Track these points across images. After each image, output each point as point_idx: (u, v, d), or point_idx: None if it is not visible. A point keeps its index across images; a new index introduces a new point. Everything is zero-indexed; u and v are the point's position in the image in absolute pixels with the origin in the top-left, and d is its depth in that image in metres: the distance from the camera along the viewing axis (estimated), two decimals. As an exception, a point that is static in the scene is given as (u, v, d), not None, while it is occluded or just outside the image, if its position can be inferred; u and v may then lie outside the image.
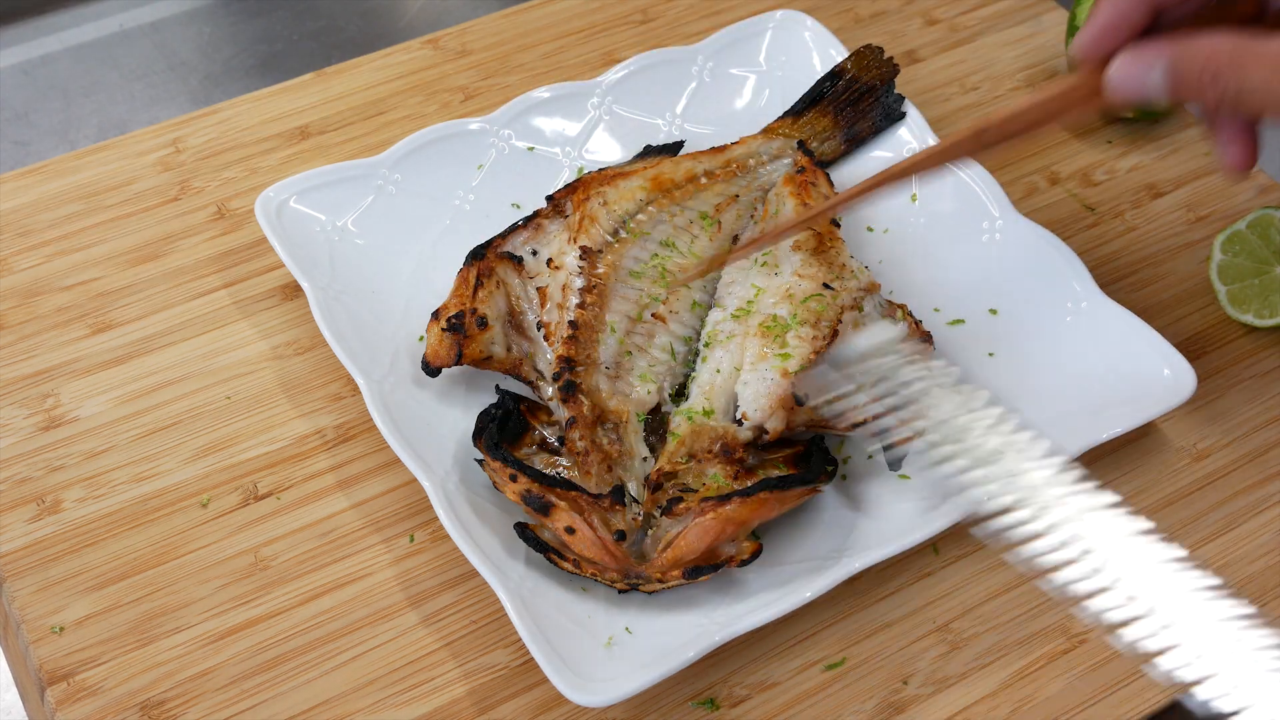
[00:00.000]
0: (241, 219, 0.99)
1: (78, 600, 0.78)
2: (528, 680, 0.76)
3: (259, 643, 0.77)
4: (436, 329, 0.84)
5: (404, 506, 0.83)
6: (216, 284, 0.95)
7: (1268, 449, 0.89)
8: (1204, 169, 1.06)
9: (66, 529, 0.81)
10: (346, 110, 1.07)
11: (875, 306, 0.87)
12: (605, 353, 0.84)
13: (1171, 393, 0.85)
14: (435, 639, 0.78)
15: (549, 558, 0.77)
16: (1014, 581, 0.82)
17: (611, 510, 0.78)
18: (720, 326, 0.86)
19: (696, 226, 0.92)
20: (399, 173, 0.97)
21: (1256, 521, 0.85)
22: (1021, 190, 1.04)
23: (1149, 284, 0.98)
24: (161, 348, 0.91)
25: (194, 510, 0.83)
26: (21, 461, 0.84)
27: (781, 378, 0.81)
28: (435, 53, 1.12)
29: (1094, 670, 0.78)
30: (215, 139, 1.04)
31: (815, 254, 0.88)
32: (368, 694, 0.75)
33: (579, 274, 0.86)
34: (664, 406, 0.84)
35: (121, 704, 0.74)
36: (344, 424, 0.87)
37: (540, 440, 0.82)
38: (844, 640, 0.79)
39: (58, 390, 0.88)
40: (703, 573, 0.76)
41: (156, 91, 1.19)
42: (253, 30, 1.25)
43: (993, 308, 0.93)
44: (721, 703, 0.76)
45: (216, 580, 0.80)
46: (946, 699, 0.76)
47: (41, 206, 0.99)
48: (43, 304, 0.93)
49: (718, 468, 0.79)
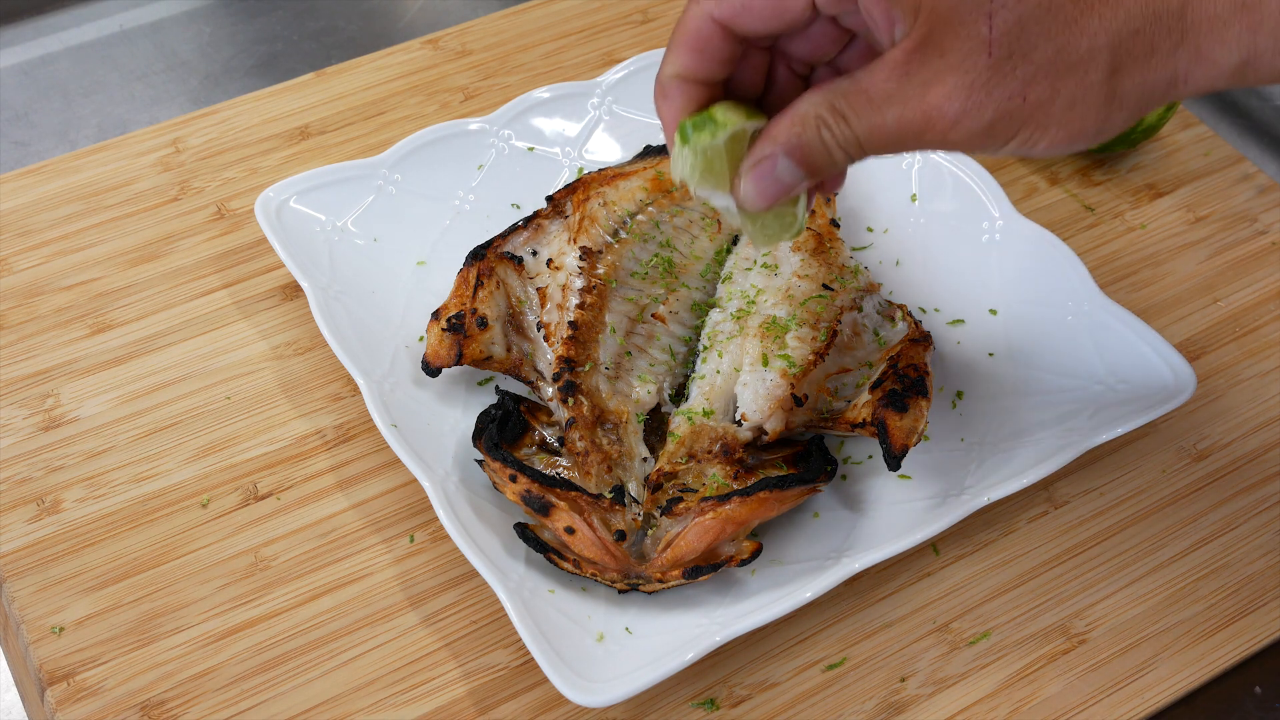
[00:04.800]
0: (241, 219, 0.99)
1: (78, 600, 0.78)
2: (528, 680, 0.76)
3: (259, 643, 0.77)
4: (436, 329, 0.84)
5: (404, 506, 0.83)
6: (216, 284, 0.95)
7: (1268, 449, 0.89)
8: (1204, 169, 1.06)
9: (66, 529, 0.81)
10: (346, 110, 1.07)
11: (875, 306, 0.87)
12: (605, 353, 0.84)
13: (1171, 393, 0.85)
14: (435, 639, 0.78)
15: (549, 558, 0.77)
16: (1014, 581, 0.82)
17: (611, 510, 0.78)
18: (720, 327, 0.86)
19: (696, 227, 0.92)
20: (399, 173, 0.97)
21: (1256, 521, 0.85)
22: (1021, 190, 1.04)
23: (1149, 284, 0.98)
24: (161, 348, 0.91)
25: (194, 510, 0.83)
26: (21, 461, 0.84)
27: (781, 378, 0.81)
28: (435, 53, 1.12)
29: (1094, 670, 0.78)
30: (215, 139, 1.04)
31: (815, 254, 0.88)
32: (368, 694, 0.75)
33: (579, 274, 0.86)
34: (664, 407, 0.84)
35: (121, 704, 0.74)
36: (344, 424, 0.87)
37: (540, 441, 0.82)
38: (844, 640, 0.79)
39: (58, 390, 0.88)
40: (703, 573, 0.76)
41: (156, 91, 1.19)
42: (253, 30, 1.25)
43: (993, 308, 0.93)
44: (721, 703, 0.76)
45: (216, 580, 0.80)
46: (946, 699, 0.76)
47: (41, 206, 0.99)
48: (43, 304, 0.93)
49: (717, 468, 0.79)
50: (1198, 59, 0.55)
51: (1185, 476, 0.87)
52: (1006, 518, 0.85)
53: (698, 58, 0.62)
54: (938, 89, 0.55)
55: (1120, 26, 0.54)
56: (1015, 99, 0.55)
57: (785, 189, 0.61)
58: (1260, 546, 0.84)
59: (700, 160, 0.62)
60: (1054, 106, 0.55)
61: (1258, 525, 0.85)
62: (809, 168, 0.60)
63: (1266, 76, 0.56)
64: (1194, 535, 0.84)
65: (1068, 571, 0.82)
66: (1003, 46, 0.54)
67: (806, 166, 0.60)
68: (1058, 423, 0.85)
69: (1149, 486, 0.87)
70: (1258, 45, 0.54)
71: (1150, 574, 0.82)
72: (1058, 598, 0.81)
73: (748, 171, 0.61)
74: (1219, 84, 0.56)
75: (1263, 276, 0.99)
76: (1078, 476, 0.87)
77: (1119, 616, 0.80)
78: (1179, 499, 0.86)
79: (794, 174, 0.60)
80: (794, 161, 0.60)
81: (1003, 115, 0.55)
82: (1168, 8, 0.55)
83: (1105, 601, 0.81)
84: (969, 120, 0.55)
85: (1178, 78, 0.56)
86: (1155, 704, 0.77)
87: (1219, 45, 0.55)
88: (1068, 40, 0.54)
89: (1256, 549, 0.84)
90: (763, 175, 0.61)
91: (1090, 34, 0.54)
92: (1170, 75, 0.55)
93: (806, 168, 0.60)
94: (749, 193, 0.61)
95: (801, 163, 0.60)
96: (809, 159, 0.59)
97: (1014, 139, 0.56)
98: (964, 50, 0.54)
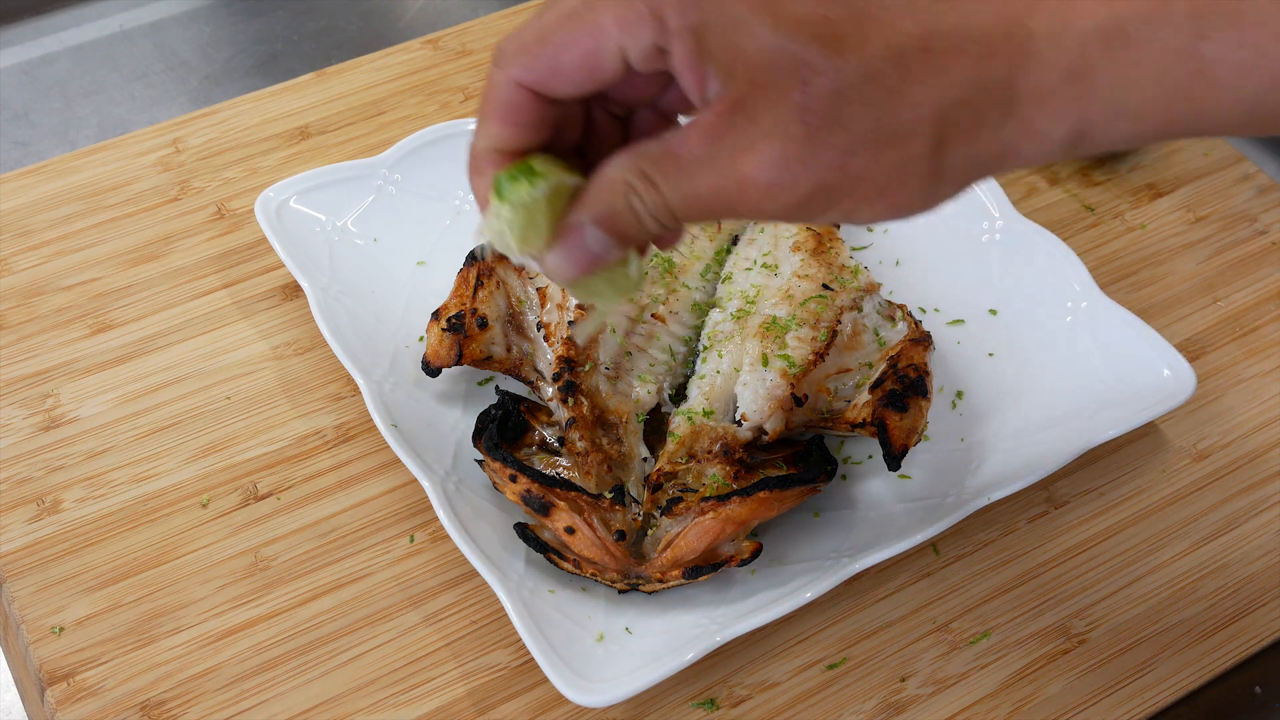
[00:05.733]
0: (241, 219, 0.99)
1: (78, 600, 0.78)
2: (528, 680, 0.76)
3: (259, 643, 0.77)
4: (436, 329, 0.84)
5: (404, 506, 0.83)
6: (216, 284, 0.95)
7: (1268, 449, 0.89)
8: (1204, 169, 1.06)
9: (66, 529, 0.81)
10: (346, 110, 1.07)
11: (875, 307, 0.87)
12: (605, 353, 0.84)
13: (1171, 393, 0.85)
14: (435, 639, 0.78)
15: (549, 558, 0.77)
16: (1014, 581, 0.82)
17: (611, 510, 0.78)
18: (720, 327, 0.86)
19: (696, 227, 0.92)
20: (399, 173, 0.97)
21: (1256, 521, 0.85)
22: (1021, 190, 1.04)
23: (1149, 284, 0.98)
24: (161, 348, 0.91)
25: (194, 510, 0.83)
26: (21, 461, 0.84)
27: (781, 378, 0.81)
28: (435, 53, 1.12)
29: (1094, 670, 0.78)
30: (215, 139, 1.04)
31: (815, 254, 0.88)
32: (368, 694, 0.75)
33: (579, 274, 0.86)
34: (664, 407, 0.84)
35: (121, 704, 0.74)
36: (344, 424, 0.87)
37: (540, 441, 0.82)
38: (844, 640, 0.79)
39: (58, 390, 0.88)
40: (703, 573, 0.76)
41: (156, 92, 1.19)
42: (253, 30, 1.25)
43: (993, 308, 0.93)
44: (721, 703, 0.76)
45: (216, 580, 0.80)
46: (946, 699, 0.76)
47: (41, 206, 0.99)
48: (43, 304, 0.93)
49: (717, 468, 0.79)
50: (1026, 132, 0.51)
51: (1185, 476, 0.87)
52: (1006, 518, 0.85)
53: (511, 128, 0.56)
54: (751, 157, 0.51)
55: (945, 96, 0.50)
56: (833, 170, 0.51)
57: (594, 260, 0.56)
58: (1260, 546, 0.84)
59: (520, 216, 0.55)
60: (875, 179, 0.51)
61: (1258, 525, 0.85)
62: (619, 237, 0.55)
63: (1101, 146, 0.52)
64: (1194, 535, 0.84)
65: (1068, 571, 0.82)
66: (818, 115, 0.50)
67: (616, 236, 0.55)
68: (1058, 423, 0.85)
69: (1149, 486, 0.87)
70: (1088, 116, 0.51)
71: (1150, 574, 0.82)
72: (1058, 598, 0.81)
73: (555, 241, 0.56)
74: (1052, 156, 0.53)
75: (1263, 276, 0.99)
76: (1078, 476, 0.87)
77: (1119, 616, 0.80)
78: (1179, 499, 0.86)
79: (603, 244, 0.55)
80: (603, 231, 0.55)
81: (820, 187, 0.51)
82: (995, 78, 0.51)
83: (1105, 601, 0.81)
84: (784, 192, 0.51)
85: (1006, 150, 0.52)
86: (1155, 704, 0.77)
87: (1048, 117, 0.51)
88: (889, 110, 0.50)
89: (1256, 549, 0.84)
90: (571, 246, 0.55)
91: (914, 104, 0.50)
92: (999, 149, 0.52)
93: (616, 237, 0.55)
94: (557, 264, 0.56)
95: (611, 232, 0.55)
96: (618, 228, 0.55)
97: (833, 210, 0.52)
98: (777, 117, 0.50)
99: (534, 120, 0.56)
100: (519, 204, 0.55)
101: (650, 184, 0.53)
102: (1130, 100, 0.50)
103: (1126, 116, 0.51)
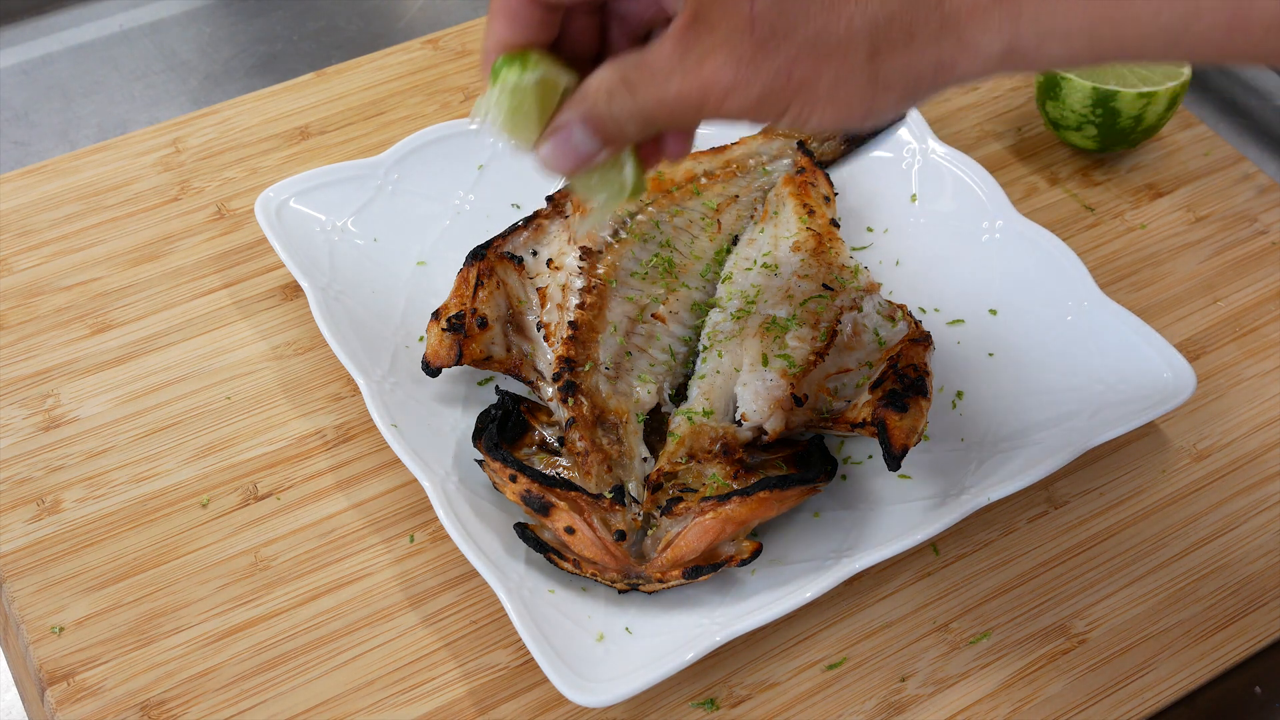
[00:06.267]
0: (241, 219, 0.99)
1: (78, 600, 0.78)
2: (528, 680, 0.76)
3: (259, 643, 0.77)
4: (436, 329, 0.84)
5: (404, 506, 0.83)
6: (216, 284, 0.95)
7: (1268, 449, 0.89)
8: (1204, 169, 1.06)
9: (66, 529, 0.81)
10: (346, 110, 1.07)
11: (875, 306, 0.87)
12: (605, 353, 0.84)
13: (1171, 393, 0.85)
14: (435, 639, 0.78)
15: (549, 558, 0.77)
16: (1014, 581, 0.82)
17: (611, 510, 0.78)
18: (720, 327, 0.86)
19: (696, 227, 0.92)
20: (399, 173, 0.97)
21: (1256, 521, 0.85)
22: (1021, 190, 1.04)
23: (1149, 284, 0.98)
24: (161, 348, 0.91)
25: (194, 510, 0.83)
26: (21, 461, 0.84)
27: (781, 378, 0.81)
28: (435, 53, 1.12)
29: (1094, 670, 0.78)
30: (215, 139, 1.04)
31: (815, 254, 0.88)
32: (368, 694, 0.75)
33: (579, 274, 0.86)
34: (664, 407, 0.84)
35: (121, 704, 0.74)
36: (344, 424, 0.87)
37: (540, 440, 0.82)
38: (844, 640, 0.79)
39: (58, 390, 0.88)
40: (703, 573, 0.76)
41: (156, 91, 1.19)
42: (253, 30, 1.25)
43: (993, 308, 0.93)
44: (721, 703, 0.76)
45: (216, 580, 0.80)
46: (946, 699, 0.76)
47: (41, 206, 0.99)
48: (43, 304, 0.93)
49: (717, 468, 0.79)
50: (961, 46, 0.56)
51: (1185, 476, 0.87)
52: (1006, 518, 0.85)
53: (513, 26, 0.63)
54: (710, 62, 0.57)
55: (876, 12, 0.56)
56: (781, 76, 0.56)
57: (582, 158, 0.62)
58: (1260, 546, 0.84)
59: (507, 99, 0.61)
60: (819, 86, 0.57)
61: (1258, 525, 0.85)
62: (603, 138, 0.61)
63: (1033, 63, 0.57)
64: (1194, 535, 0.84)
65: (1068, 571, 0.82)
66: (764, 25, 0.56)
67: (601, 136, 0.61)
68: (1058, 423, 0.85)
69: (1149, 486, 0.87)
70: (1020, 32, 0.56)
71: (1150, 574, 0.82)
72: (1058, 598, 0.81)
73: (547, 136, 0.62)
74: (989, 69, 0.57)
75: (1263, 276, 0.99)
76: (1078, 476, 0.87)
77: (1119, 616, 0.80)
78: (1179, 499, 0.86)
79: (589, 144, 0.61)
80: (589, 131, 0.61)
81: (771, 91, 0.57)
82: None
83: (1105, 601, 0.81)
84: (740, 93, 0.57)
85: (943, 63, 0.57)
86: (1155, 704, 0.77)
87: (982, 33, 0.56)
88: (825, 23, 0.56)
89: (1256, 549, 0.84)
90: (560, 142, 0.62)
91: (847, 17, 0.56)
92: (935, 61, 0.57)
93: (601, 137, 0.61)
94: (547, 156, 0.62)
95: (596, 133, 0.61)
96: (602, 129, 0.61)
97: (785, 113, 0.58)
98: (729, 27, 0.56)
99: (535, 20, 0.62)
100: (508, 87, 0.61)
101: (628, 89, 0.59)
102: (1056, 23, 0.55)
103: (1055, 38, 0.56)
